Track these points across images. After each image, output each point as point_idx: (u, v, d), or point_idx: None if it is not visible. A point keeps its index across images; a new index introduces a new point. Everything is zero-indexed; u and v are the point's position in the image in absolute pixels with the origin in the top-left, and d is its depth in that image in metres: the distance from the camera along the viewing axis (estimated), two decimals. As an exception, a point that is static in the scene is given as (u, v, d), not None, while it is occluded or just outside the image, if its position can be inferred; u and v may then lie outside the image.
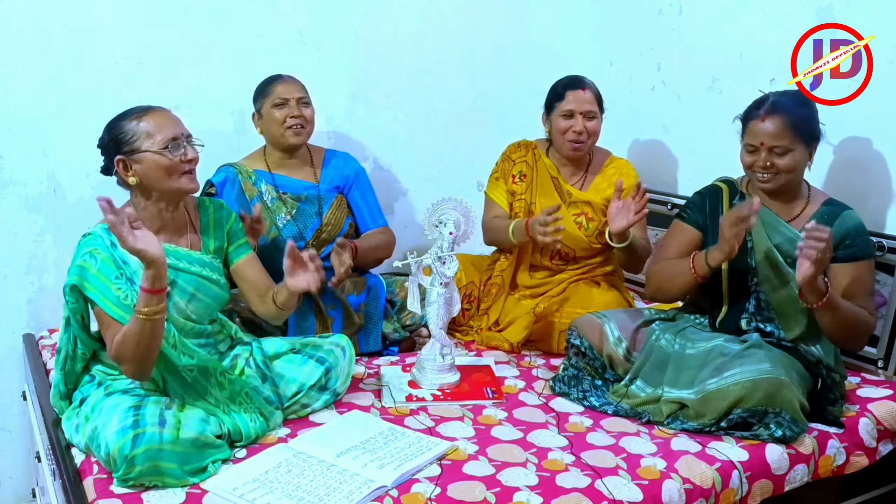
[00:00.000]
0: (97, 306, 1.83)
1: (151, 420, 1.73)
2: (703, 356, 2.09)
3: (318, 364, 2.11)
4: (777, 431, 1.92)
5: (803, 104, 2.15)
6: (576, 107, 2.55)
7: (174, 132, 1.91)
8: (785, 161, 2.09)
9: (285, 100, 2.52)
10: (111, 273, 1.84)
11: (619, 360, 2.21)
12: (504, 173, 2.71)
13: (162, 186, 1.92)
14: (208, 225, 2.08)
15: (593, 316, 2.29)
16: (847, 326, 2.04)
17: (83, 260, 1.84)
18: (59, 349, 1.97)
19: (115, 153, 1.91)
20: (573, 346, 2.26)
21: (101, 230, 1.89)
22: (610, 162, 2.70)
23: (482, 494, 1.72)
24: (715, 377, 2.01)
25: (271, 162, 2.61)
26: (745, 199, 2.20)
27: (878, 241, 2.33)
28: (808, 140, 2.11)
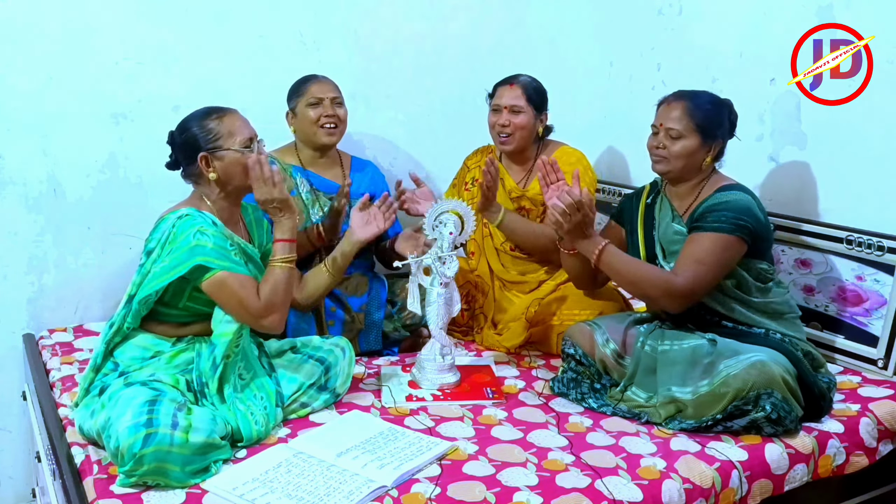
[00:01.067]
0: (221, 275, 1.90)
1: (165, 420, 1.74)
2: (689, 353, 2.11)
3: (318, 364, 2.12)
4: (770, 409, 1.92)
5: (713, 102, 2.22)
6: (502, 102, 2.63)
7: (250, 133, 2.04)
8: (676, 147, 2.18)
9: (319, 99, 2.56)
10: (225, 242, 1.95)
11: (611, 364, 2.23)
12: (459, 180, 2.84)
13: (238, 182, 2.02)
14: (251, 224, 2.18)
15: (583, 324, 2.32)
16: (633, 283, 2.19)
17: (197, 239, 1.90)
18: (111, 323, 1.99)
19: (197, 149, 1.99)
20: (568, 355, 2.29)
21: (194, 211, 1.96)
22: (557, 153, 2.70)
23: (482, 494, 1.72)
24: (706, 379, 2.03)
25: (304, 158, 2.67)
26: (661, 196, 2.33)
27: (877, 241, 2.34)
28: (705, 134, 2.18)
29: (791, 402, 1.96)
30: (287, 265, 2.00)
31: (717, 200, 2.15)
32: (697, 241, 2.12)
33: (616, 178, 3.26)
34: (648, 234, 2.32)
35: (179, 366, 1.97)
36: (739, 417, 1.96)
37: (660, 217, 2.30)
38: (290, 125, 2.64)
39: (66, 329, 2.64)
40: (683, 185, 2.27)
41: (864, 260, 2.38)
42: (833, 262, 2.46)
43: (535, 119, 2.64)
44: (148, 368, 1.94)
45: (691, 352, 2.10)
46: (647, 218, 2.34)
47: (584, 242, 2.18)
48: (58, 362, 2.38)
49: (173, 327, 2.02)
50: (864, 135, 2.40)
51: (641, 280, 2.16)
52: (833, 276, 2.47)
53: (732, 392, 1.95)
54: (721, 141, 2.22)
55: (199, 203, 2.02)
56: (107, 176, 2.67)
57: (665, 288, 2.12)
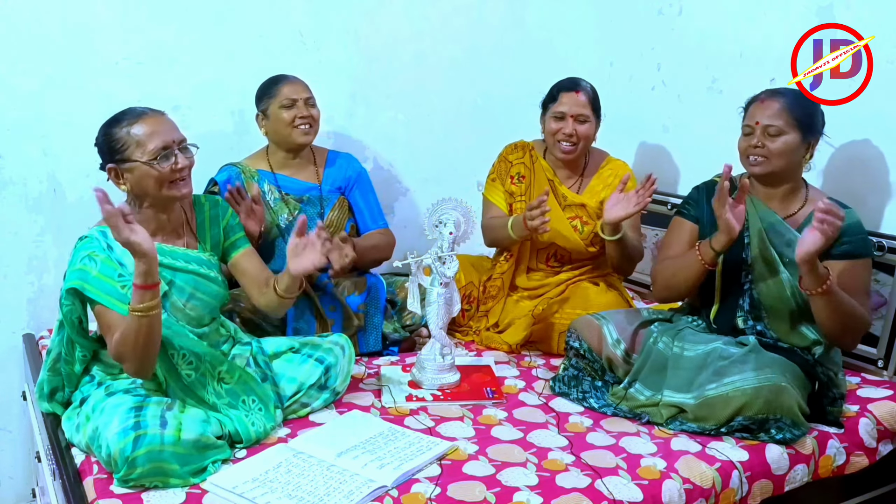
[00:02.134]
0: (100, 306, 1.82)
1: (153, 421, 1.73)
2: (701, 359, 2.09)
3: (318, 363, 2.11)
4: (777, 436, 1.93)
5: (805, 99, 2.17)
6: (567, 109, 2.55)
7: (164, 140, 1.89)
8: (777, 144, 2.08)
9: (293, 100, 2.53)
10: (113, 272, 1.83)
11: (618, 362, 2.21)
12: (501, 175, 2.72)
13: (153, 194, 1.91)
14: (204, 222, 2.08)
15: (592, 317, 2.27)
16: (843, 319, 1.99)
17: (83, 263, 1.84)
18: (49, 350, 1.96)
19: (107, 160, 1.92)
20: (572, 348, 2.26)
21: (98, 232, 1.89)
22: (606, 164, 2.70)
23: (482, 494, 1.72)
24: (714, 382, 2.00)
25: (274, 162, 2.62)
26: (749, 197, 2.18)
27: (877, 241, 2.34)
28: (805, 129, 2.09)
29: (800, 425, 1.95)
30: (139, 314, 1.71)
31: (852, 220, 2.04)
32: (859, 272, 2.04)
33: (616, 178, 3.26)
34: None
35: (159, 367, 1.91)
36: (742, 432, 1.96)
37: (758, 217, 2.13)
38: (260, 127, 2.59)
39: (66, 329, 2.63)
40: (781, 188, 2.14)
41: (865, 260, 2.37)
42: (833, 262, 2.46)
43: (597, 127, 2.61)
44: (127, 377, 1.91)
45: (704, 357, 2.08)
46: None
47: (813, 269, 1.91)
48: (58, 362, 2.38)
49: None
50: (864, 135, 2.40)
51: (852, 317, 1.99)
52: (833, 276, 2.46)
53: (740, 405, 1.93)
54: (818, 138, 2.14)
55: None
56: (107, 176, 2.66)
57: (864, 325, 2.03)
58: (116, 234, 1.66)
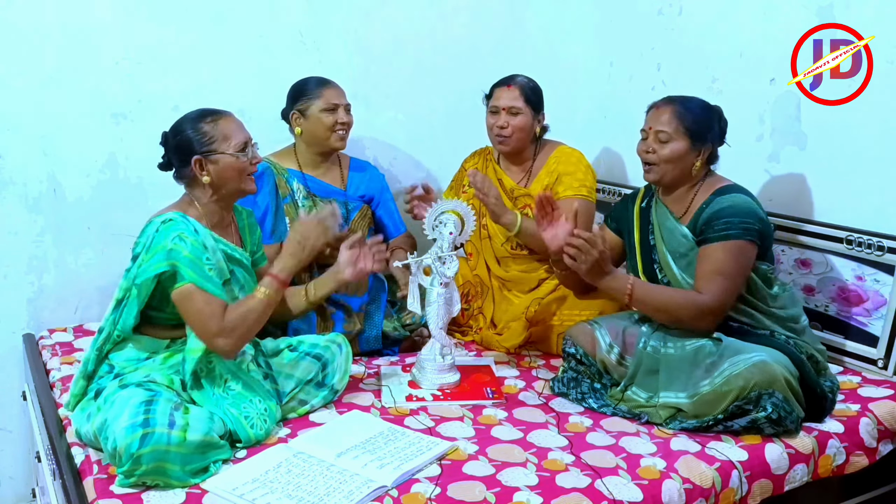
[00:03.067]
0: (188, 287, 1.89)
1: (161, 420, 1.74)
2: (691, 355, 2.11)
3: (315, 360, 2.12)
4: (770, 410, 1.93)
5: (702, 107, 2.22)
6: (500, 103, 2.62)
7: (245, 136, 2.03)
8: (666, 150, 2.16)
9: (336, 105, 2.56)
10: (202, 254, 1.93)
11: (612, 366, 2.23)
12: (456, 182, 2.85)
13: (231, 186, 2.02)
14: (244, 228, 2.17)
15: (585, 324, 2.31)
16: (668, 313, 2.12)
17: (174, 244, 1.90)
18: (101, 329, 1.98)
19: (191, 153, 1.98)
20: (569, 355, 2.28)
21: (180, 216, 1.95)
22: (555, 152, 2.71)
23: (482, 494, 1.72)
24: (706, 378, 2.03)
25: (303, 161, 2.65)
26: (655, 199, 2.30)
27: (877, 241, 2.34)
28: (695, 137, 2.17)
29: (792, 402, 1.96)
30: (269, 299, 1.99)
31: (720, 206, 2.13)
32: (712, 254, 2.10)
33: (615, 178, 3.26)
34: (644, 238, 2.31)
35: (174, 366, 1.96)
36: (740, 417, 1.96)
37: (658, 221, 2.28)
38: (294, 125, 2.60)
39: (66, 329, 2.64)
40: (677, 191, 2.25)
41: (864, 260, 2.38)
42: (833, 262, 2.46)
43: (533, 120, 2.64)
44: (143, 370, 1.94)
45: (693, 354, 2.10)
46: (642, 222, 2.33)
47: (608, 279, 2.10)
48: (58, 362, 2.38)
49: (166, 329, 2.01)
50: (864, 135, 2.40)
51: (671, 306, 2.11)
52: (833, 276, 2.47)
53: (734, 391, 1.95)
54: (710, 146, 2.21)
55: (188, 207, 2.01)
56: (107, 176, 2.67)
57: (695, 309, 2.08)
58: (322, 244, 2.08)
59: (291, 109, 2.60)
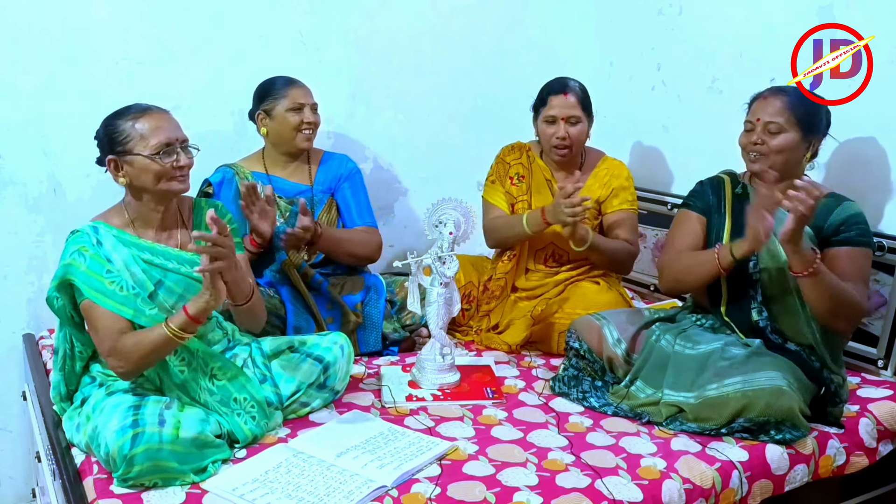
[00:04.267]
0: (87, 301, 1.84)
1: (151, 420, 1.74)
2: (703, 358, 2.09)
3: (317, 362, 2.10)
4: (777, 436, 1.93)
5: (808, 98, 2.17)
6: (558, 112, 2.56)
7: (168, 137, 1.91)
8: (777, 141, 2.10)
9: (301, 105, 2.52)
10: (101, 268, 1.85)
11: (618, 363, 2.21)
12: (500, 176, 2.72)
13: (150, 189, 1.93)
14: (201, 225, 2.06)
15: (592, 318, 2.27)
16: (833, 302, 1.99)
17: (72, 258, 1.86)
18: (56, 349, 1.98)
19: (107, 151, 1.93)
20: (572, 348, 2.26)
21: (89, 228, 1.91)
22: (602, 163, 2.71)
23: (482, 494, 1.72)
24: (715, 383, 2.00)
25: (269, 163, 2.61)
26: (748, 190, 2.22)
27: (877, 241, 2.33)
28: (806, 128, 2.11)
29: (801, 427, 1.95)
30: (174, 337, 1.79)
31: (854, 210, 2.08)
32: (857, 258, 2.05)
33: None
34: (739, 226, 2.20)
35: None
36: (741, 433, 1.96)
37: None
38: (260, 126, 2.56)
39: (66, 329, 2.63)
40: (781, 184, 2.08)
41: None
42: (833, 262, 2.46)
43: (589, 127, 2.62)
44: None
45: (705, 357, 2.08)
46: (736, 209, 2.24)
47: (802, 248, 1.94)
48: (58, 362, 2.38)
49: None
50: (864, 134, 2.40)
51: (843, 300, 1.99)
52: (833, 276, 2.46)
53: (743, 409, 1.93)
54: (820, 137, 2.15)
55: (118, 212, 1.96)
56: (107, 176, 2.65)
57: (858, 310, 2.03)
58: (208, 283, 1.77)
59: (257, 110, 2.56)
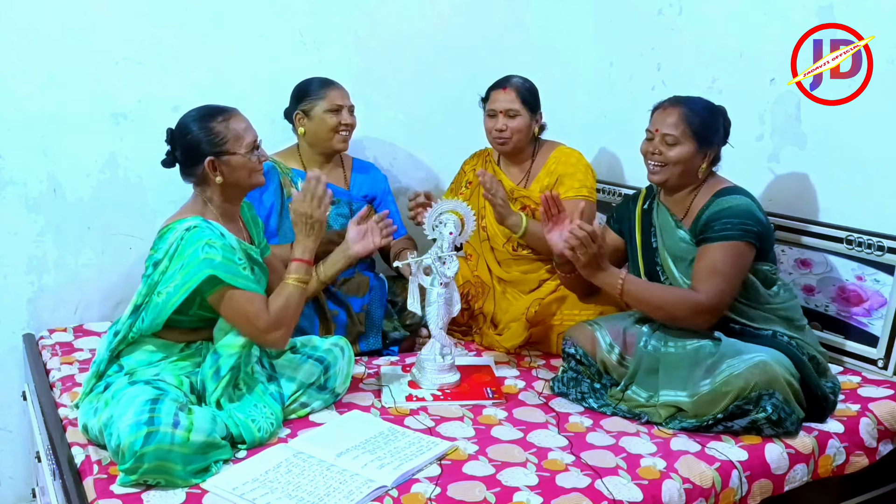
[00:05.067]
0: (227, 290, 1.91)
1: (167, 419, 1.74)
2: (692, 355, 2.11)
3: (317, 363, 2.11)
4: (771, 411, 1.92)
5: (708, 108, 2.23)
6: (497, 106, 2.63)
7: (254, 135, 2.03)
8: (673, 153, 2.17)
9: (340, 107, 2.57)
10: (234, 255, 1.94)
11: (613, 366, 2.23)
12: (456, 184, 2.86)
13: (243, 184, 2.03)
14: (249, 223, 2.16)
15: (585, 324, 2.31)
16: (661, 309, 2.14)
17: (206, 252, 1.89)
18: (116, 332, 1.98)
19: (203, 154, 1.97)
20: (569, 355, 2.28)
21: (201, 221, 1.95)
22: (554, 153, 2.71)
23: (482, 494, 1.72)
24: (707, 378, 2.03)
25: (306, 161, 2.65)
26: (656, 201, 2.32)
27: (877, 241, 2.34)
28: (701, 140, 2.17)
29: (792, 403, 1.96)
30: (302, 285, 2.01)
31: (720, 207, 2.14)
32: (710, 254, 2.11)
33: (615, 177, 3.26)
34: (646, 240, 2.31)
35: (185, 367, 1.97)
36: (740, 417, 1.96)
37: (659, 223, 2.28)
38: (298, 125, 2.60)
39: (66, 329, 2.63)
40: (681, 192, 2.25)
41: (864, 260, 2.38)
42: (833, 262, 2.46)
43: (531, 120, 2.64)
44: (153, 368, 1.94)
45: (694, 353, 2.10)
46: (644, 224, 2.33)
47: (602, 275, 2.13)
48: (58, 362, 2.38)
49: (183, 333, 2.01)
50: (864, 135, 2.40)
51: (666, 303, 2.13)
52: (833, 276, 2.47)
53: (734, 391, 1.95)
54: (716, 147, 2.22)
55: (203, 209, 2.01)
56: (107, 176, 2.67)
57: (691, 307, 2.09)
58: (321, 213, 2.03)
59: (295, 109, 2.59)
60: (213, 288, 1.91)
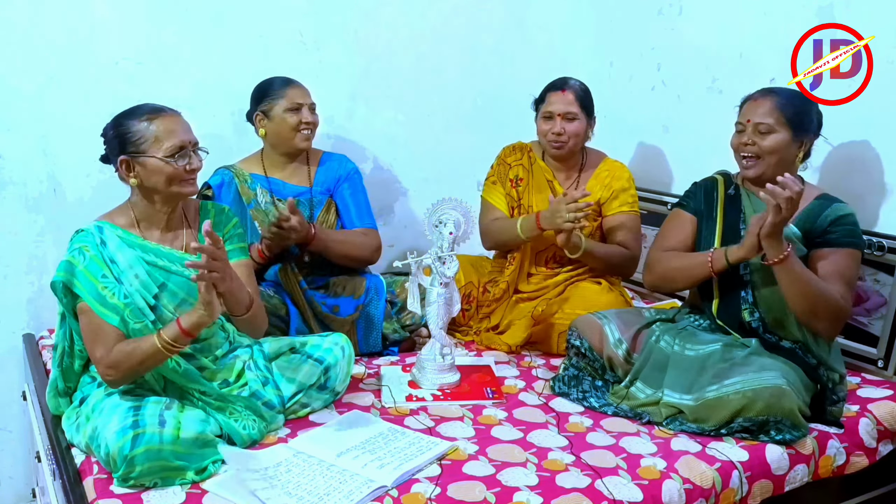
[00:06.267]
0: (83, 304, 1.85)
1: (151, 420, 1.73)
2: (703, 359, 2.09)
3: (317, 363, 2.10)
4: (777, 437, 1.93)
5: (800, 97, 2.18)
6: (555, 108, 2.58)
7: (182, 140, 1.91)
8: (768, 142, 2.11)
9: (299, 105, 2.51)
10: (98, 271, 1.86)
11: (619, 362, 2.20)
12: (501, 176, 2.73)
13: (161, 190, 1.93)
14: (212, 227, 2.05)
15: (593, 317, 2.27)
16: (809, 298, 2.00)
17: (72, 256, 1.87)
18: (55, 345, 1.98)
19: (119, 151, 1.91)
20: (573, 346, 2.26)
21: (94, 227, 1.90)
22: (603, 164, 2.71)
23: (482, 494, 1.72)
24: (714, 384, 2.00)
25: (268, 164, 2.60)
26: (741, 191, 2.23)
27: (877, 241, 2.34)
28: (796, 128, 2.12)
29: (800, 427, 1.95)
30: (165, 348, 1.79)
31: (842, 213, 2.09)
32: (841, 259, 2.06)
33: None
34: (730, 227, 2.22)
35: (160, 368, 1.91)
36: (741, 433, 1.96)
37: (750, 212, 2.18)
38: (258, 127, 2.55)
39: (66, 329, 2.63)
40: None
41: (865, 260, 2.37)
42: (833, 262, 2.46)
43: (587, 125, 2.63)
44: None
45: (705, 358, 2.08)
46: (728, 210, 2.25)
47: (777, 239, 1.96)
48: (58, 362, 2.38)
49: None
50: (864, 135, 2.40)
51: (819, 296, 1.99)
52: (833, 276, 2.46)
53: (742, 409, 1.92)
54: (812, 137, 2.16)
55: (123, 212, 1.96)
56: (107, 176, 2.64)
57: (837, 310, 2.02)
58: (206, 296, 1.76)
59: (255, 111, 2.54)
60: (76, 298, 1.84)
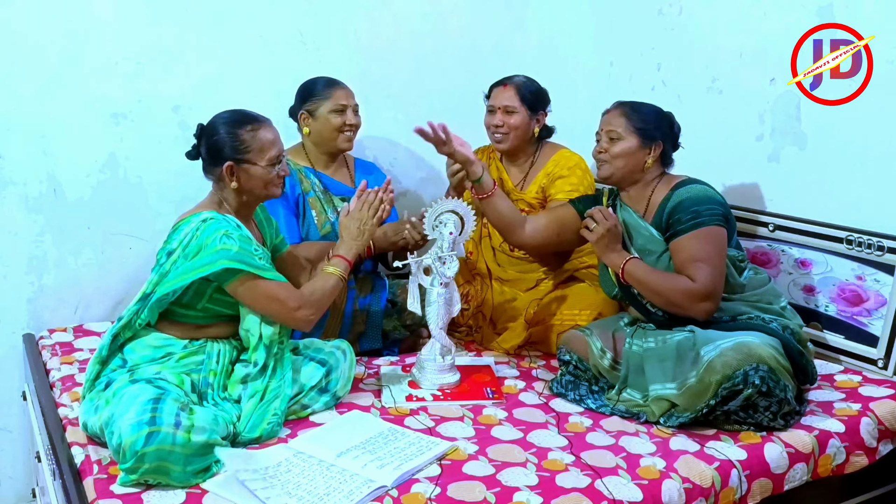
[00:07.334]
0: (247, 279, 1.94)
1: (168, 419, 1.74)
2: (674, 349, 2.11)
3: (319, 366, 2.12)
4: (759, 382, 1.92)
5: (651, 109, 2.30)
6: (496, 102, 2.64)
7: (279, 150, 2.06)
8: (615, 148, 2.25)
9: (344, 107, 2.57)
10: (250, 246, 1.98)
11: (606, 371, 2.24)
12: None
13: (256, 193, 2.06)
14: (262, 223, 2.18)
15: (577, 332, 2.33)
16: (661, 294, 2.17)
17: (223, 243, 1.92)
18: (120, 317, 1.99)
19: (224, 158, 2.00)
20: (565, 362, 2.30)
21: (217, 215, 1.97)
22: (556, 156, 2.70)
23: (482, 494, 1.72)
24: (693, 370, 2.03)
25: (312, 160, 2.66)
26: (619, 200, 2.37)
27: (877, 241, 2.34)
28: (644, 135, 2.25)
29: (779, 372, 1.97)
30: (340, 278, 2.09)
31: (680, 198, 2.19)
32: (686, 245, 2.15)
33: (616, 178, 3.26)
34: None
35: (188, 366, 1.97)
36: (733, 399, 1.96)
37: (623, 220, 2.31)
38: (302, 125, 2.60)
39: (66, 329, 2.63)
40: (633, 189, 2.30)
41: (864, 260, 2.38)
42: (833, 262, 2.46)
43: (529, 119, 2.64)
44: (155, 366, 1.94)
45: (677, 346, 2.11)
46: None
47: (611, 255, 2.22)
48: (58, 362, 2.38)
49: (188, 329, 2.01)
50: (864, 135, 2.40)
51: (663, 289, 2.16)
52: (833, 276, 2.47)
53: (719, 377, 1.95)
54: (661, 143, 2.27)
55: (219, 207, 2.04)
56: (107, 176, 2.67)
57: (686, 293, 2.12)
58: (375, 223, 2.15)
59: (300, 109, 2.59)
60: (232, 278, 1.93)
